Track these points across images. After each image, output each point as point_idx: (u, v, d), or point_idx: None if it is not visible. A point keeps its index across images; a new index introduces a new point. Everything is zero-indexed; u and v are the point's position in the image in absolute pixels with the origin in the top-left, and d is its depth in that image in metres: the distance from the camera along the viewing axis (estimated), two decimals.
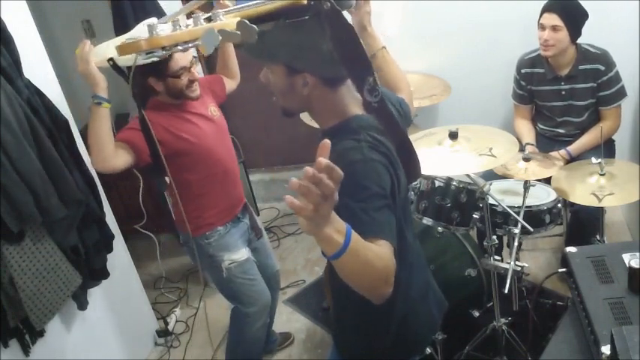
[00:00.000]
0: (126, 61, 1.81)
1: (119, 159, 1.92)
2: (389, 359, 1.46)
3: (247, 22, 0.91)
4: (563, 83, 2.68)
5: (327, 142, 0.93)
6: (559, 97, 2.72)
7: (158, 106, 2.08)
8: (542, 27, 2.58)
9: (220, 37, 0.90)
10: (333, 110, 1.27)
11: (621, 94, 2.65)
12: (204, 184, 2.14)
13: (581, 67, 2.62)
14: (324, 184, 0.89)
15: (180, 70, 2.01)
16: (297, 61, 1.18)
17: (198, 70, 2.16)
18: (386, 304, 1.29)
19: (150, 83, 2.03)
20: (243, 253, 2.25)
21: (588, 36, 2.64)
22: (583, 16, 2.57)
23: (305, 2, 1.08)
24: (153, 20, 1.83)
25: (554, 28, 2.53)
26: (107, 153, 1.88)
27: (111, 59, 1.80)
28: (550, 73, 2.69)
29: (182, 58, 2.00)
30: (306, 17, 1.09)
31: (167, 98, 2.08)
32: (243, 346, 2.41)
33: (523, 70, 2.80)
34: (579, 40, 2.63)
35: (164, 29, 1.21)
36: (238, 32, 0.94)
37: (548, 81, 2.71)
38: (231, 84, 2.42)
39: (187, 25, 0.95)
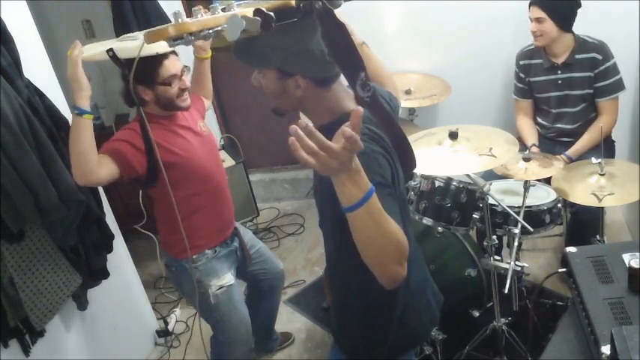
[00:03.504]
0: (127, 52, 1.76)
1: (103, 172, 1.80)
2: (391, 351, 1.47)
3: (264, 9, 0.94)
4: (559, 72, 2.70)
5: (360, 109, 0.99)
6: (555, 86, 2.73)
7: (147, 119, 1.91)
8: (530, 20, 2.66)
9: (245, 23, 0.92)
10: (327, 107, 1.28)
11: (619, 86, 2.65)
12: (193, 201, 2.04)
13: (578, 56, 2.65)
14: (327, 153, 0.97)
15: (171, 77, 1.90)
16: (289, 65, 1.19)
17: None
18: (387, 295, 1.31)
19: (138, 92, 1.89)
20: (229, 278, 2.16)
21: (588, 33, 2.66)
22: (570, 5, 2.61)
23: (293, 4, 1.09)
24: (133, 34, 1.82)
25: (538, 20, 2.61)
26: (90, 165, 1.77)
27: (111, 50, 1.75)
28: (547, 61, 2.72)
29: (173, 66, 1.90)
30: (295, 19, 1.11)
31: (156, 109, 1.96)
32: None
33: (522, 62, 2.84)
34: (579, 32, 2.65)
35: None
36: (258, 18, 0.96)
37: (545, 70, 2.74)
38: (206, 103, 2.31)
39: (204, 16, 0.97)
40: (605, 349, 1.26)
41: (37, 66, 2.18)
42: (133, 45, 1.78)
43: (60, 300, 2.12)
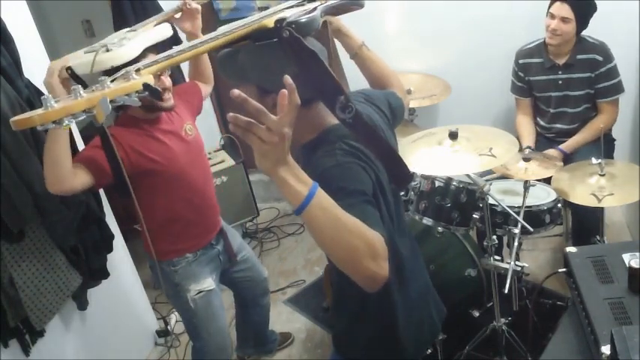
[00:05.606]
0: (84, 68, 1.69)
1: (77, 180, 1.75)
2: (392, 359, 1.46)
3: (107, 100, 0.92)
4: (560, 72, 2.69)
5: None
6: (556, 87, 2.72)
7: (128, 122, 1.90)
8: (551, 16, 2.58)
9: (110, 107, 0.92)
10: (310, 125, 1.26)
11: (618, 88, 2.65)
12: (175, 208, 2.01)
13: (579, 56, 2.64)
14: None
15: None
16: (267, 83, 1.19)
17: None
18: (384, 305, 1.30)
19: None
20: (209, 283, 2.13)
21: (589, 33, 2.66)
22: (593, 9, 2.58)
23: (271, 26, 1.10)
24: (122, 33, 1.79)
25: (564, 19, 2.53)
26: (63, 174, 1.71)
27: (69, 68, 1.69)
28: (548, 61, 2.70)
29: None
30: (275, 40, 1.11)
31: (139, 112, 1.90)
32: None
33: (521, 61, 2.81)
34: None
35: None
36: (136, 98, 0.96)
37: (545, 70, 2.72)
38: (206, 89, 2.26)
39: (93, 90, 0.92)
40: (605, 349, 1.26)
41: (37, 66, 2.17)
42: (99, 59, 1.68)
43: (60, 300, 2.13)
